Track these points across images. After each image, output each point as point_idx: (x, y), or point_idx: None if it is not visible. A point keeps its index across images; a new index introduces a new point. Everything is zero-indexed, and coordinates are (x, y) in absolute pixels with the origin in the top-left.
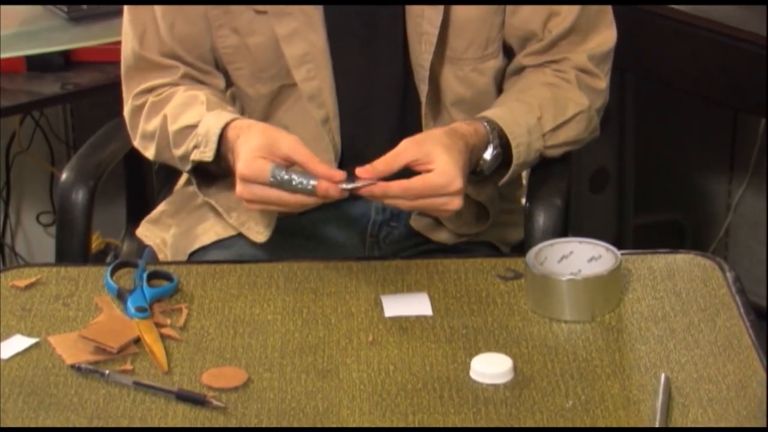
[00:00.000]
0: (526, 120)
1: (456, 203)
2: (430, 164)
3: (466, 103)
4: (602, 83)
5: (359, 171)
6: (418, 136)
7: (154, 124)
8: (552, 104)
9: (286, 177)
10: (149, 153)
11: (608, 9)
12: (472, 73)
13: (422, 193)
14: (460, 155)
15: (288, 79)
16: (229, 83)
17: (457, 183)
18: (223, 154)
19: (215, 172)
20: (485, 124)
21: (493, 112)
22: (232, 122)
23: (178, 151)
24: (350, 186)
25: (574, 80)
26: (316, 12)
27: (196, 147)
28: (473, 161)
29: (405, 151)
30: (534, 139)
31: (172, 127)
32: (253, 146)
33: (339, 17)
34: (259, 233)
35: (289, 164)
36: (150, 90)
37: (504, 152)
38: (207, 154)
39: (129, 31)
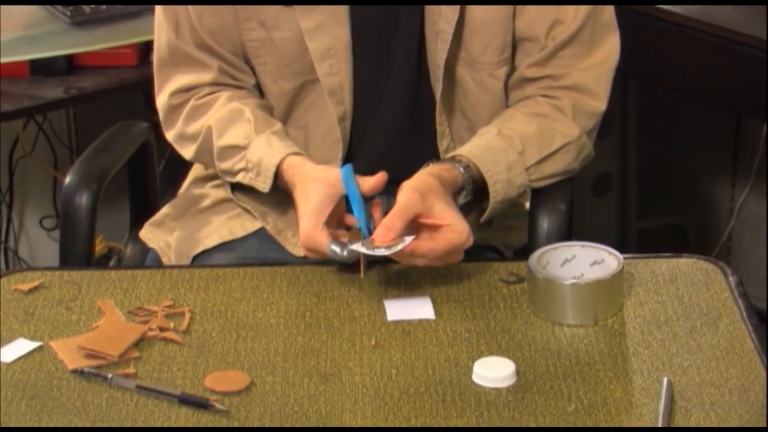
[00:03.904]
0: (505, 156)
1: (461, 257)
2: (437, 219)
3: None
4: (601, 105)
5: (377, 236)
6: (417, 185)
7: (194, 128)
8: (536, 138)
9: (345, 255)
10: (186, 153)
11: (614, 26)
12: (488, 78)
13: (446, 252)
14: (456, 207)
15: (311, 75)
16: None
17: (471, 239)
18: (278, 185)
19: None
20: (462, 170)
21: (470, 150)
22: (285, 159)
23: (222, 165)
24: (384, 253)
25: (569, 109)
26: (341, 7)
27: (244, 170)
28: None
29: (414, 204)
30: (515, 175)
31: (219, 143)
32: (313, 209)
33: (363, 13)
34: (296, 245)
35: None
36: (188, 89)
37: (477, 191)
38: (261, 185)
39: (163, 22)
